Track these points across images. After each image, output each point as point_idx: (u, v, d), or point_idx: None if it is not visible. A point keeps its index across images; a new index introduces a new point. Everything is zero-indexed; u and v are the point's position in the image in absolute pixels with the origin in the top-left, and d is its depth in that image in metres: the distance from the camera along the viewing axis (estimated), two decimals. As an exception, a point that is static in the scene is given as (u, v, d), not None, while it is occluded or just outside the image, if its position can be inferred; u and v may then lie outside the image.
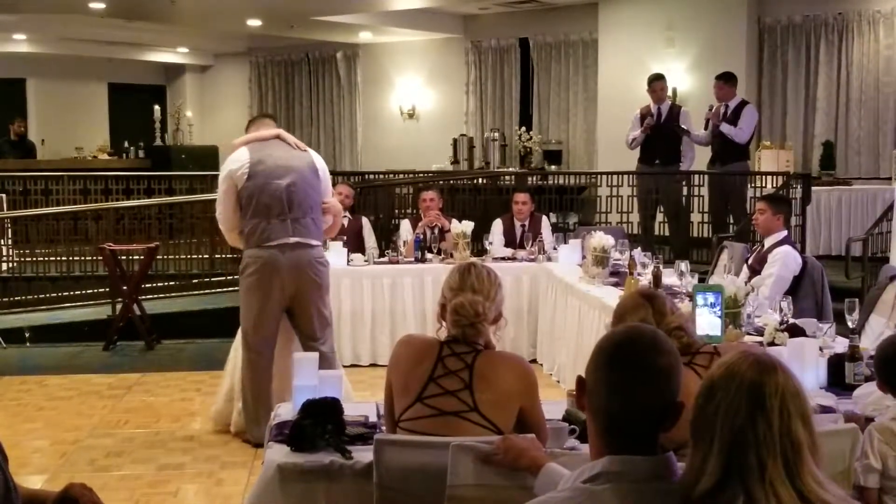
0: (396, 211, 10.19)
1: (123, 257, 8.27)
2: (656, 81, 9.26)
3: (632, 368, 1.75)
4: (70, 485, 2.40)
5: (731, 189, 9.14)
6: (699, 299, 3.84)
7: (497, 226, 8.00)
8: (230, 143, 5.27)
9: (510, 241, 7.89)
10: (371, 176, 11.72)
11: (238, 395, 5.28)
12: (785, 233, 5.73)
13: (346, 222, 7.79)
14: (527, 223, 7.93)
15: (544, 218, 8.14)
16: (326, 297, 5.24)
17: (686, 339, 2.78)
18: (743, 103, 9.11)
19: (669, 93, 10.51)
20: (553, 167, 12.41)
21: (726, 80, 9.10)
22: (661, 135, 9.15)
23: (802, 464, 1.62)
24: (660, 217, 9.47)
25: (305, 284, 5.06)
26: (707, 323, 3.88)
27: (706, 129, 9.19)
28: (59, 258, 9.51)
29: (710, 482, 1.62)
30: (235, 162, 5.03)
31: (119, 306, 7.98)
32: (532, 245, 7.51)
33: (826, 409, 3.12)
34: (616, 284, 5.92)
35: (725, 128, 8.95)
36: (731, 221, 9.12)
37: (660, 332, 1.86)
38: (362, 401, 4.49)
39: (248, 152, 5.04)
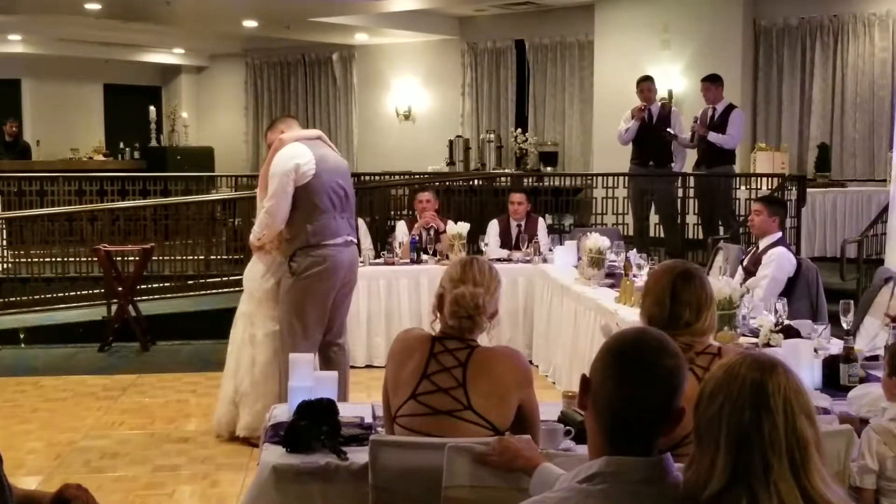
0: (392, 212, 10.18)
1: (119, 258, 8.26)
2: (644, 82, 9.24)
3: (639, 368, 1.77)
4: (65, 485, 2.39)
5: (716, 192, 9.12)
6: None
7: (493, 227, 7.99)
8: (280, 140, 4.92)
9: (506, 242, 7.87)
10: (367, 177, 11.70)
11: (242, 399, 5.17)
12: (779, 234, 5.73)
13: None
14: (523, 224, 7.92)
15: (541, 219, 8.13)
16: None
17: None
18: (730, 108, 9.09)
19: (665, 94, 10.49)
20: (549, 169, 12.39)
21: (713, 82, 9.08)
22: (652, 136, 9.14)
23: (810, 462, 1.62)
24: (654, 219, 9.47)
25: (352, 281, 5.17)
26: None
27: (692, 140, 9.19)
28: (54, 259, 9.48)
29: (718, 485, 1.62)
30: (300, 157, 4.83)
31: (114, 307, 7.98)
32: (528, 246, 7.50)
33: (821, 411, 3.12)
34: (612, 286, 5.92)
35: (713, 136, 8.91)
36: (721, 224, 9.12)
37: (666, 335, 1.86)
38: (358, 402, 4.48)
39: (309, 149, 4.90)
